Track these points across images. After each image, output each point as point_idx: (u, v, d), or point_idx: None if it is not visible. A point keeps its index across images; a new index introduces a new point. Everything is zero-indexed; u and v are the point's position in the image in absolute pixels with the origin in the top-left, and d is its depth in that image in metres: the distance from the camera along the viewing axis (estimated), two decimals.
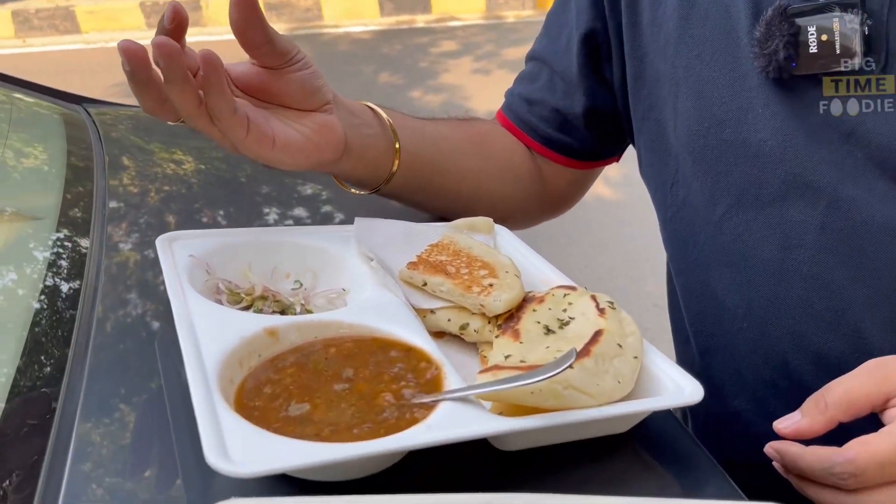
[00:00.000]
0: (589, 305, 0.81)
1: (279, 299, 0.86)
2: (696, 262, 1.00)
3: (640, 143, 1.06)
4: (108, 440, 0.72)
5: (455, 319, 0.84)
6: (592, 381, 0.69)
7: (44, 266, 0.97)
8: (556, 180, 1.20)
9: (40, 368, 0.81)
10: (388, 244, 0.93)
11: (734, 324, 0.95)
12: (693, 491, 0.73)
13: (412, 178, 1.04)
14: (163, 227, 1.17)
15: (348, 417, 0.66)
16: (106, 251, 1.04)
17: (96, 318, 0.89)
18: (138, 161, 1.42)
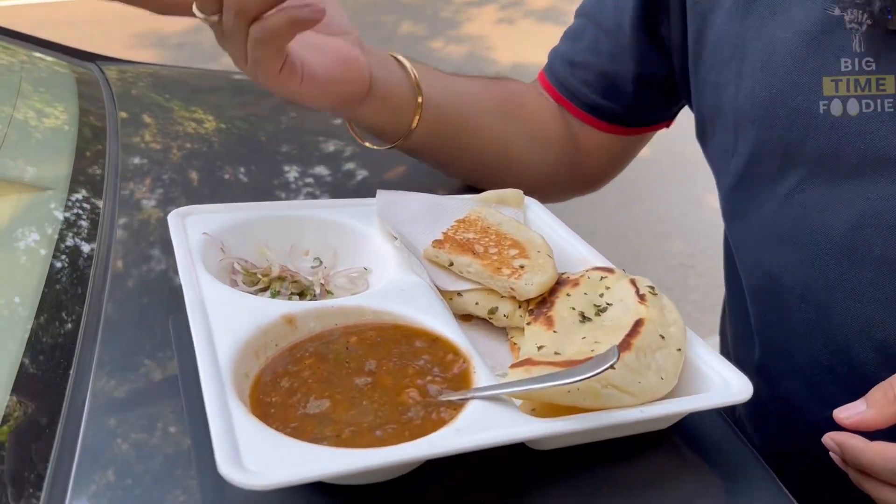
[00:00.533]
0: (628, 290, 0.75)
1: (297, 280, 0.82)
2: (756, 237, 0.92)
3: (697, 107, 0.97)
4: (119, 430, 0.68)
5: (483, 303, 0.79)
6: (633, 379, 0.64)
7: (54, 236, 0.93)
8: (595, 151, 1.12)
9: (47, 358, 0.77)
10: (413, 220, 0.88)
11: (790, 303, 0.89)
12: (738, 491, 0.68)
13: (434, 135, 0.98)
14: (185, 184, 1.14)
15: (371, 417, 0.61)
16: (119, 217, 1.00)
17: (108, 289, 0.85)
18: (158, 119, 1.38)
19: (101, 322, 0.80)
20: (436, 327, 0.71)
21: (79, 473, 0.63)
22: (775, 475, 0.68)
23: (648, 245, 3.72)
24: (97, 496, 0.62)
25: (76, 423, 0.68)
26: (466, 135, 1.03)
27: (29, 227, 0.96)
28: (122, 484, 0.63)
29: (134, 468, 0.64)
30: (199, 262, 0.77)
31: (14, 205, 1.01)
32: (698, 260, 3.62)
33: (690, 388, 0.68)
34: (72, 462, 0.64)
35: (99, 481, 0.63)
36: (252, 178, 1.18)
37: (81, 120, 1.28)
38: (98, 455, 0.65)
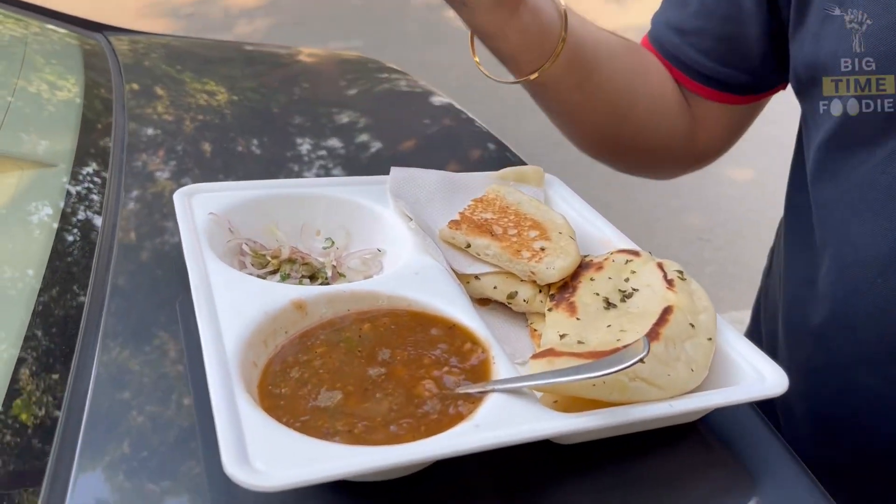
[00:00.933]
0: (655, 275, 0.72)
1: (308, 262, 0.78)
2: (845, 201, 0.83)
3: (796, 57, 0.87)
4: (121, 413, 0.65)
5: (502, 287, 0.76)
6: (662, 371, 0.60)
7: (60, 210, 0.90)
8: (711, 123, 1.00)
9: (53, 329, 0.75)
10: (428, 200, 0.84)
11: (868, 277, 0.82)
12: (768, 488, 0.65)
13: (568, 73, 0.90)
14: (197, 157, 1.11)
15: (384, 410, 0.58)
16: (127, 191, 0.97)
17: (114, 263, 0.82)
18: (170, 91, 1.35)
19: (108, 295, 0.77)
20: (452, 313, 0.68)
21: (85, 442, 0.61)
22: (810, 471, 0.65)
23: (664, 218, 3.66)
24: (104, 464, 0.60)
25: (82, 393, 0.66)
26: (598, 80, 0.93)
27: (35, 201, 0.94)
28: (129, 453, 0.61)
29: (142, 439, 0.62)
30: (205, 243, 0.74)
31: (20, 178, 0.98)
32: (715, 234, 3.57)
33: (721, 379, 0.65)
34: (78, 431, 0.62)
35: (107, 451, 0.61)
36: (265, 151, 1.16)
37: (88, 92, 1.25)
38: (105, 425, 0.63)
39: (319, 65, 1.71)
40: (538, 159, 1.03)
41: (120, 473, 0.60)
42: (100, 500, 0.59)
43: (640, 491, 0.61)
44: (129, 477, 0.59)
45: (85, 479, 0.59)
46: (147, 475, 0.59)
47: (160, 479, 0.59)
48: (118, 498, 0.58)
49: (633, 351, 0.55)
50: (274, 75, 1.57)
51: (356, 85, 1.53)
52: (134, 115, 1.21)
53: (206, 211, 0.79)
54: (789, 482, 0.64)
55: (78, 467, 0.59)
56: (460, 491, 0.60)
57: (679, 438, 0.66)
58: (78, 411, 0.64)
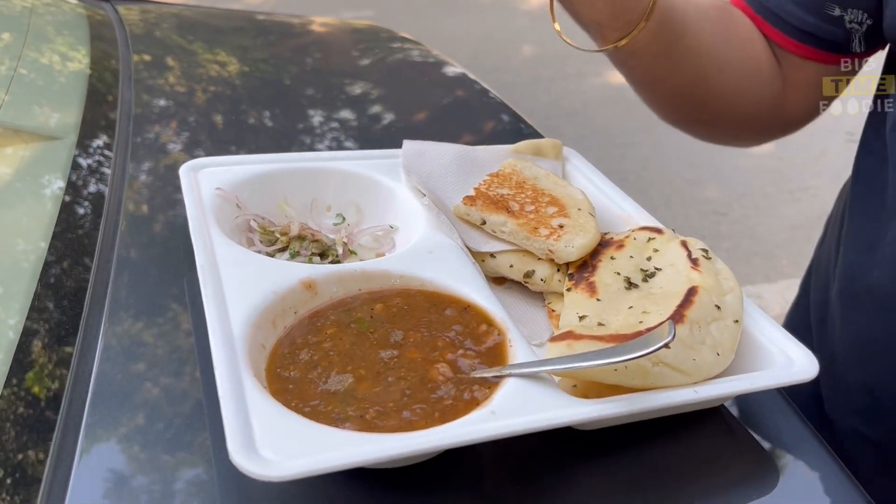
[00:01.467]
0: (679, 253, 0.69)
1: (319, 239, 0.76)
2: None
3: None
4: (127, 386, 0.63)
5: (518, 266, 0.73)
6: (687, 356, 0.58)
7: (64, 182, 0.88)
8: (803, 85, 0.93)
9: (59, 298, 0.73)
10: (442, 174, 0.81)
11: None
12: (796, 474, 0.63)
13: (656, 39, 0.85)
14: (208, 128, 1.09)
15: (397, 395, 0.56)
16: (133, 163, 0.95)
17: (119, 236, 0.80)
18: (181, 62, 1.32)
19: (113, 269, 0.75)
20: (467, 293, 0.66)
21: (91, 414, 0.60)
22: (838, 457, 0.62)
23: (680, 191, 3.61)
24: (110, 437, 0.59)
25: (88, 365, 0.64)
26: (686, 45, 0.88)
27: (40, 174, 0.91)
28: (136, 427, 0.59)
29: (150, 414, 0.60)
30: (212, 220, 0.72)
31: (25, 151, 0.96)
32: (732, 207, 3.52)
33: (748, 363, 0.62)
34: (84, 400, 0.61)
35: (113, 423, 0.60)
36: (276, 123, 1.13)
37: (94, 63, 1.22)
38: (111, 398, 0.62)
39: (331, 34, 1.68)
40: (552, 131, 0.99)
41: (127, 446, 0.58)
42: (109, 469, 0.57)
43: (661, 478, 0.59)
44: (136, 450, 0.58)
45: (91, 450, 0.57)
46: (154, 450, 0.58)
47: (167, 454, 0.57)
48: (125, 469, 0.56)
49: (658, 335, 0.53)
50: (286, 45, 1.54)
51: (369, 55, 1.50)
52: (144, 87, 1.18)
53: (213, 186, 0.76)
54: (817, 469, 0.62)
55: (84, 438, 0.58)
56: (476, 476, 0.58)
57: (702, 423, 0.64)
58: (83, 383, 0.62)
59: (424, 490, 0.55)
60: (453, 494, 0.55)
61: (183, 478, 0.56)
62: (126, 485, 0.55)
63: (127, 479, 0.56)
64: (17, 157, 0.92)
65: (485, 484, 0.58)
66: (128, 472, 0.56)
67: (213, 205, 0.74)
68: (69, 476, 0.55)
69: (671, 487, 0.59)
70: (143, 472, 0.56)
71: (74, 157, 0.93)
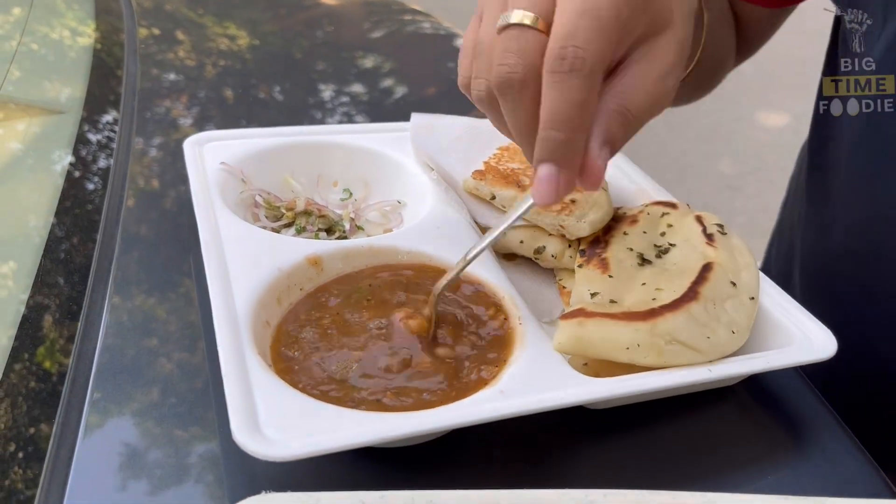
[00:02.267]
0: (693, 229, 0.67)
1: (325, 214, 0.75)
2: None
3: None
4: (132, 362, 0.63)
5: (529, 241, 0.71)
6: (702, 333, 0.56)
7: (68, 157, 0.86)
8: (753, 26, 0.92)
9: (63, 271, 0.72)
10: (450, 148, 0.80)
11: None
12: (813, 454, 0.61)
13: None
14: (220, 102, 1.07)
15: (401, 375, 0.55)
16: (139, 138, 0.93)
17: (124, 211, 0.79)
18: (191, 35, 1.30)
19: (118, 245, 0.74)
20: (476, 270, 0.64)
21: (96, 387, 0.59)
22: (857, 438, 0.61)
23: (694, 165, 3.57)
24: (116, 410, 0.58)
25: (92, 340, 0.63)
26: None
27: (44, 148, 0.90)
28: (141, 403, 0.59)
29: (154, 389, 0.60)
30: (216, 194, 0.70)
31: (29, 125, 0.95)
32: (747, 181, 3.48)
33: (764, 341, 0.61)
34: (88, 376, 0.60)
35: (117, 398, 0.59)
36: (286, 98, 1.12)
37: (99, 37, 1.21)
38: (115, 373, 0.61)
39: (342, 7, 1.65)
40: None
41: (132, 422, 0.57)
42: (114, 445, 0.56)
43: (674, 458, 0.58)
44: (142, 426, 0.57)
45: (95, 426, 0.57)
46: (160, 426, 0.57)
47: (173, 431, 0.57)
48: (130, 445, 0.56)
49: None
50: (296, 18, 1.52)
51: (380, 27, 1.47)
52: (152, 61, 1.17)
53: (217, 160, 0.75)
54: (835, 450, 0.60)
55: (88, 414, 0.57)
56: (484, 457, 0.57)
57: (717, 402, 0.62)
58: (88, 359, 0.61)
59: (432, 469, 0.54)
60: (461, 474, 0.54)
61: (188, 455, 0.55)
62: (131, 460, 0.54)
63: (132, 455, 0.55)
64: (22, 132, 0.91)
65: (493, 464, 0.57)
66: (133, 448, 0.56)
67: (218, 179, 0.73)
68: (73, 452, 0.54)
69: (684, 468, 0.57)
70: (149, 449, 0.55)
71: (79, 131, 0.91)
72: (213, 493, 0.53)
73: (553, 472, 0.55)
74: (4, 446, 0.54)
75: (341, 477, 0.54)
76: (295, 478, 0.53)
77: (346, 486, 0.42)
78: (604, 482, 0.44)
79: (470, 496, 0.42)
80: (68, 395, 0.58)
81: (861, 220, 0.79)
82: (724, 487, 0.52)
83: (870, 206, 0.77)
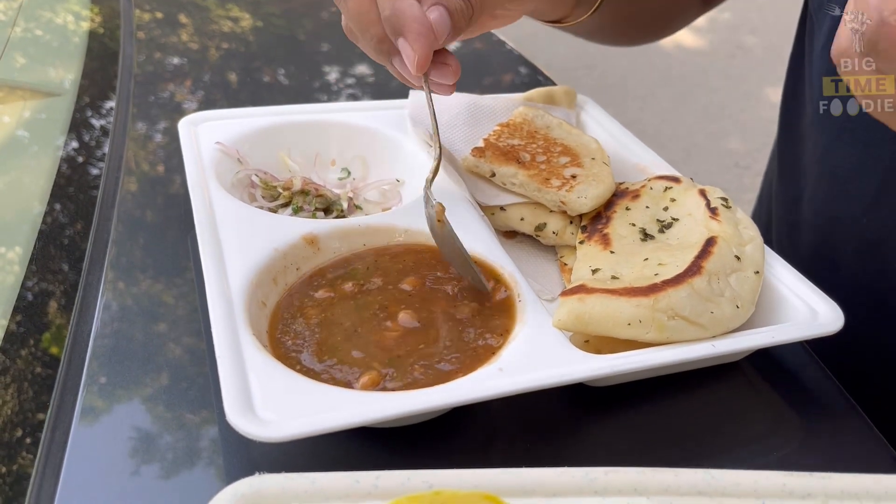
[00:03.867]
0: (697, 203, 0.66)
1: (322, 193, 0.74)
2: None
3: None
4: (127, 351, 0.62)
5: (529, 218, 0.70)
6: (705, 308, 0.55)
7: (63, 139, 0.85)
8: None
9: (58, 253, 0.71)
10: (450, 125, 0.78)
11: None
12: (820, 429, 0.60)
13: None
14: (224, 86, 1.06)
15: (401, 352, 0.54)
16: (137, 122, 0.92)
17: (119, 195, 0.78)
18: (193, 17, 1.29)
19: (113, 227, 0.74)
20: (476, 248, 0.63)
21: (90, 370, 0.59)
22: (864, 412, 0.60)
23: (701, 143, 3.54)
24: (111, 393, 0.57)
25: (88, 321, 0.63)
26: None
27: (39, 130, 0.89)
28: (137, 382, 0.58)
29: (150, 368, 0.59)
30: (211, 175, 0.69)
31: (24, 107, 0.94)
32: (755, 159, 3.44)
33: (769, 316, 0.59)
34: (84, 358, 0.60)
35: (114, 379, 0.58)
36: (291, 80, 1.10)
37: (96, 18, 1.19)
38: (112, 352, 0.60)
39: None
40: (570, 83, 0.96)
41: (128, 405, 0.57)
42: (108, 428, 0.55)
43: (678, 436, 0.57)
44: (138, 408, 0.57)
45: (90, 409, 0.56)
46: (156, 408, 0.57)
47: (169, 413, 0.56)
48: (126, 428, 0.55)
49: None
50: None
51: None
52: (152, 43, 1.16)
53: (212, 140, 0.74)
54: (842, 426, 0.59)
55: (83, 397, 0.56)
56: (483, 436, 0.56)
57: (721, 379, 0.61)
58: (83, 342, 0.61)
59: (431, 449, 0.54)
60: (460, 454, 0.54)
61: (186, 438, 0.55)
62: (128, 443, 0.54)
63: (129, 437, 0.54)
64: (17, 114, 0.90)
65: (493, 443, 0.56)
66: (130, 430, 0.55)
67: (213, 159, 0.72)
68: (67, 435, 0.53)
69: (688, 446, 0.56)
70: (146, 431, 0.55)
71: (75, 113, 0.90)
72: (210, 476, 0.52)
73: (553, 450, 0.54)
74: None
75: (339, 458, 0.53)
76: (293, 459, 0.53)
77: (343, 466, 0.42)
78: (605, 460, 0.43)
79: (467, 476, 0.41)
80: (63, 379, 0.58)
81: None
82: (729, 465, 0.51)
83: None
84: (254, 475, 0.42)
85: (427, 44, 0.58)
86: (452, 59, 0.63)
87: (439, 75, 0.63)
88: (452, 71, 0.63)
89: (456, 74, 0.63)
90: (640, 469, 0.42)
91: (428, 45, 0.58)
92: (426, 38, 0.58)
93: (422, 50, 0.58)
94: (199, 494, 0.48)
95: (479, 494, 0.40)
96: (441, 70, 0.62)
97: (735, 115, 3.68)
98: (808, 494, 0.42)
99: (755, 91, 3.77)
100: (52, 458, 0.52)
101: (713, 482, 0.42)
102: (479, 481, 0.41)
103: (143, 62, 1.09)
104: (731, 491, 0.42)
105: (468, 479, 0.41)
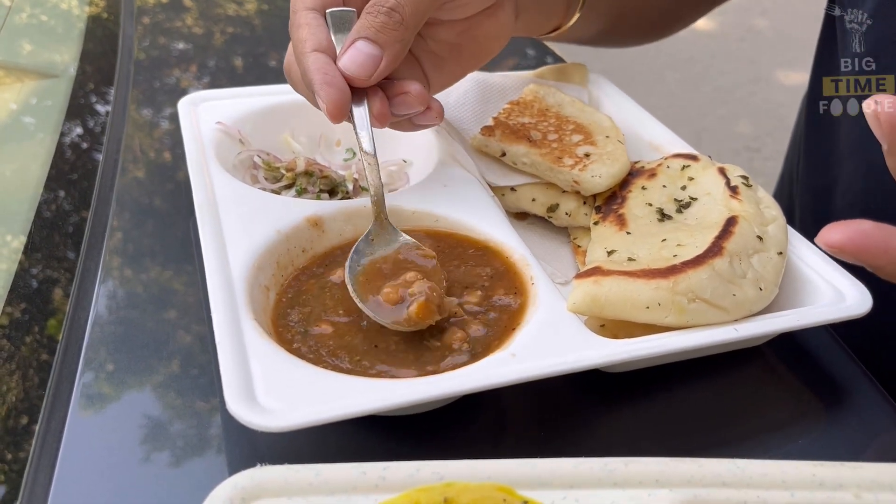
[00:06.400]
0: (716, 181, 0.63)
1: (327, 174, 0.71)
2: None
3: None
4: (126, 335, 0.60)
5: (541, 199, 0.68)
6: (727, 291, 0.52)
7: (60, 122, 0.83)
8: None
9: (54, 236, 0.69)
10: (458, 103, 0.76)
11: None
12: (845, 417, 0.58)
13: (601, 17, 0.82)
14: (229, 70, 1.04)
15: (407, 343, 0.52)
16: (136, 105, 0.90)
17: (118, 179, 0.76)
18: (199, 2, 1.26)
19: (112, 211, 0.72)
20: (486, 230, 0.61)
21: (88, 354, 0.57)
22: (892, 399, 0.57)
23: (712, 126, 3.50)
24: (109, 377, 0.56)
25: (86, 305, 0.61)
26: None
27: (36, 112, 0.87)
28: (137, 367, 0.56)
29: (151, 353, 0.57)
30: (212, 156, 0.67)
31: (21, 89, 0.92)
32: (765, 143, 3.40)
33: (793, 298, 0.57)
34: (81, 341, 0.58)
35: (113, 364, 0.57)
36: None
37: (95, 1, 1.17)
38: (111, 336, 0.59)
39: None
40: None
41: (127, 390, 0.55)
42: (106, 413, 0.54)
43: (699, 424, 0.55)
44: (137, 395, 0.55)
45: (88, 394, 0.54)
46: (156, 394, 0.55)
47: (169, 399, 0.54)
48: (125, 415, 0.53)
49: None
50: None
51: None
52: (152, 24, 1.13)
53: (213, 120, 0.72)
54: (869, 412, 0.57)
55: (80, 381, 0.55)
56: (495, 424, 0.54)
57: (743, 364, 0.59)
58: (80, 326, 0.59)
59: (441, 439, 0.52)
60: (471, 444, 0.52)
61: (188, 428, 0.53)
62: (127, 431, 0.52)
63: (128, 425, 0.52)
64: (14, 95, 0.88)
65: (506, 433, 0.54)
66: (129, 419, 0.53)
67: (214, 140, 0.69)
68: (64, 423, 0.51)
69: (709, 434, 0.54)
70: (146, 419, 0.53)
71: (72, 94, 0.88)
72: (211, 467, 0.50)
73: (569, 440, 0.52)
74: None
75: (346, 448, 0.51)
76: (298, 448, 0.51)
77: (350, 456, 0.40)
78: (624, 450, 0.41)
79: (479, 467, 0.39)
80: (60, 364, 0.56)
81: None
82: (753, 454, 0.49)
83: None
84: (255, 467, 0.40)
85: (333, 92, 0.56)
86: (413, 86, 0.59)
87: (402, 107, 0.60)
88: (414, 98, 0.59)
89: (419, 101, 0.59)
90: (661, 459, 0.40)
91: (335, 93, 0.56)
92: (331, 86, 0.56)
93: (328, 98, 0.56)
94: (199, 486, 0.46)
95: (492, 486, 0.38)
96: (401, 101, 0.59)
97: (745, 99, 3.63)
98: (839, 485, 0.40)
99: (765, 74, 3.72)
100: (47, 446, 0.50)
101: (739, 473, 0.40)
102: (492, 472, 0.39)
103: (147, 47, 1.07)
104: (757, 482, 0.40)
105: (480, 470, 0.39)
